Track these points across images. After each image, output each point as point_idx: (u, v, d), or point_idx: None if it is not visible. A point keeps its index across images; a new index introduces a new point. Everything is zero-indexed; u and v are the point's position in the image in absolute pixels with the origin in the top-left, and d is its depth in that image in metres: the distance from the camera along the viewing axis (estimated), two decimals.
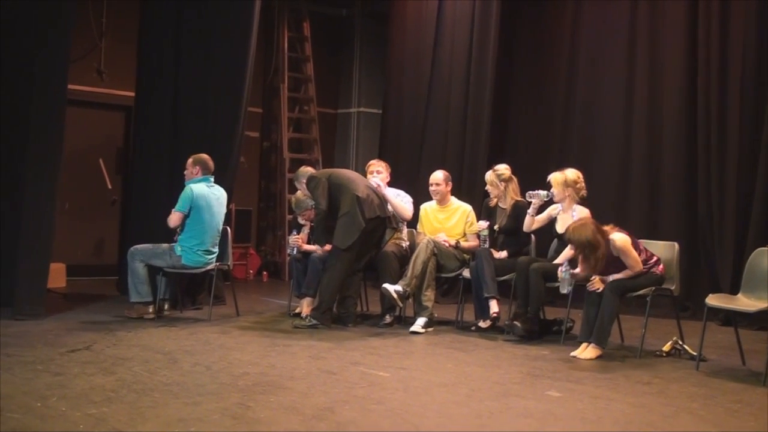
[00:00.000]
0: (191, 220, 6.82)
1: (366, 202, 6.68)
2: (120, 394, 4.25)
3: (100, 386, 4.39)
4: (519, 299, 6.41)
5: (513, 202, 6.82)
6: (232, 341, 5.94)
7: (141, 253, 6.80)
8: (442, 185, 7.13)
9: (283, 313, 7.47)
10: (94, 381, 4.51)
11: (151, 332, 6.20)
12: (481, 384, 4.81)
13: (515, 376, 5.05)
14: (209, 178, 6.99)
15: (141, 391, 4.32)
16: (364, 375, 4.94)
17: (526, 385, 4.81)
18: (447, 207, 7.18)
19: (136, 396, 4.22)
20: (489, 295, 6.50)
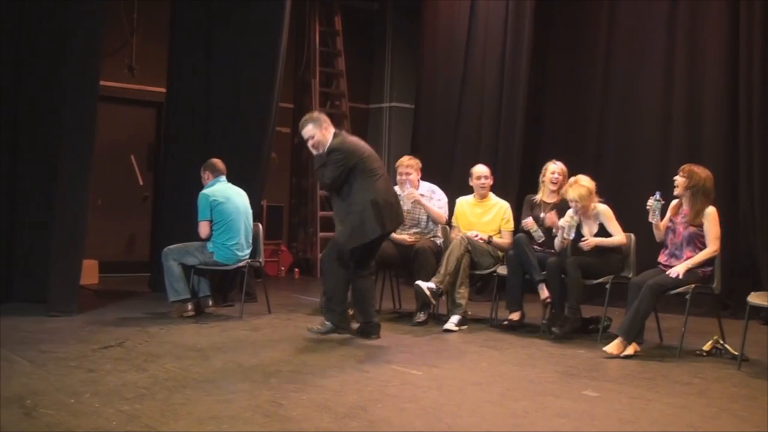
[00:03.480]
0: (217, 218, 6.88)
1: (384, 210, 5.92)
2: (152, 390, 4.30)
3: (132, 383, 4.44)
4: (552, 301, 6.38)
5: (560, 198, 6.79)
6: (264, 338, 5.97)
7: (174, 253, 6.86)
8: (489, 179, 7.16)
9: (315, 309, 7.49)
10: (126, 377, 4.56)
11: (183, 329, 6.25)
12: (515, 383, 4.80)
13: (551, 376, 5.02)
14: (221, 178, 7.05)
15: (173, 388, 4.36)
16: (397, 373, 4.94)
17: (561, 385, 4.79)
18: (485, 202, 7.17)
19: (168, 393, 4.26)
20: (539, 278, 6.45)
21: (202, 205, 6.85)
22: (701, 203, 5.80)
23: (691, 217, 5.83)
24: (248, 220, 7.06)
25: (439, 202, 7.16)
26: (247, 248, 7.02)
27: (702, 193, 5.79)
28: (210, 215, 6.85)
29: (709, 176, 5.85)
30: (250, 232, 7.08)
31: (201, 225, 6.86)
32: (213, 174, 7.02)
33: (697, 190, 5.79)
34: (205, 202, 6.85)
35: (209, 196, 6.87)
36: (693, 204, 5.82)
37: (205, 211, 6.84)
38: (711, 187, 5.84)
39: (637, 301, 5.69)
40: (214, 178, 7.02)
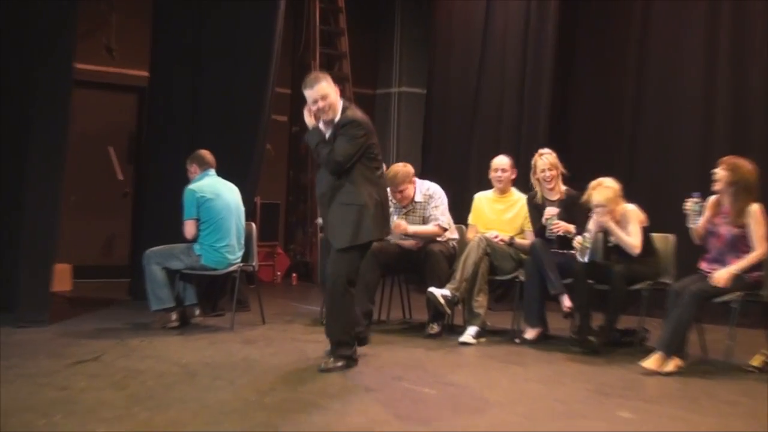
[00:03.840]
0: (205, 216, 6.85)
1: (384, 211, 5.50)
2: (132, 411, 4.27)
3: (109, 402, 4.41)
4: (580, 310, 6.33)
5: (564, 191, 6.75)
6: (258, 352, 5.94)
7: (156, 256, 6.84)
8: (508, 171, 7.10)
9: (314, 320, 7.46)
10: (103, 396, 4.53)
11: (167, 342, 6.23)
12: (541, 403, 4.76)
13: (581, 395, 4.99)
14: (210, 171, 7.02)
15: (155, 408, 4.33)
16: (407, 392, 4.92)
17: (593, 405, 4.75)
18: (507, 197, 7.14)
19: (149, 414, 4.23)
20: (556, 292, 6.43)
21: (189, 201, 6.83)
22: (743, 201, 5.76)
23: (733, 216, 5.79)
24: (240, 219, 7.04)
25: (436, 210, 6.98)
26: (239, 251, 7.00)
27: (745, 189, 5.76)
28: (197, 213, 6.82)
29: (753, 170, 5.81)
30: (242, 233, 7.06)
31: (187, 224, 6.83)
32: (201, 167, 7.00)
33: (739, 186, 5.76)
34: (192, 198, 6.82)
35: (196, 191, 6.85)
36: (735, 202, 5.78)
37: (191, 209, 6.82)
38: (755, 182, 5.80)
39: (677, 310, 5.64)
40: (201, 171, 6.99)
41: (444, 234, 6.97)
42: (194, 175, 7.00)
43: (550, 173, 6.74)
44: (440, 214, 6.97)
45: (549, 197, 6.81)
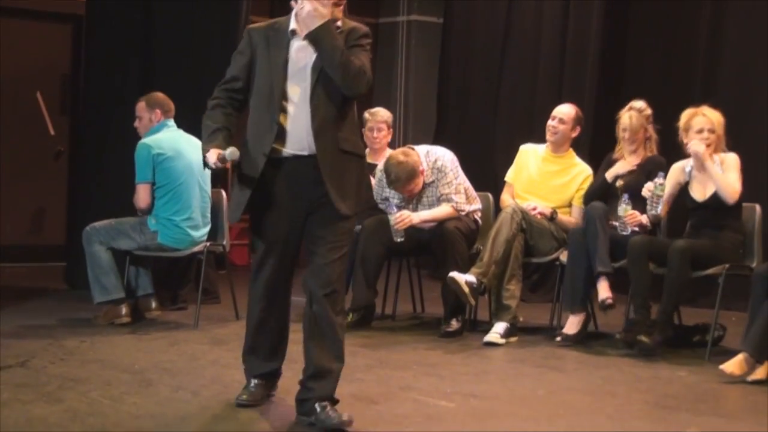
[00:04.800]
0: (162, 180, 6.87)
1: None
2: (70, 430, 4.30)
3: (40, 419, 4.44)
4: (635, 299, 6.38)
5: (647, 155, 6.80)
6: (230, 355, 5.95)
7: (101, 233, 6.87)
8: (567, 124, 7.14)
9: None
10: (32, 412, 4.56)
11: (115, 343, 6.27)
12: (587, 420, 4.80)
13: (638, 408, 5.03)
14: (169, 122, 7.05)
15: (100, 426, 4.37)
16: (419, 405, 4.95)
17: (653, 422, 4.79)
18: (563, 158, 7.20)
19: None
20: (603, 270, 6.48)
21: (142, 160, 6.84)
22: None
23: None
24: (205, 185, 7.08)
25: (449, 187, 6.99)
26: (205, 226, 7.05)
27: None
28: (153, 176, 6.86)
29: None
30: (209, 203, 7.10)
31: (140, 190, 6.86)
32: (163, 113, 7.00)
33: None
34: (147, 156, 6.84)
35: (152, 147, 6.86)
36: None
37: (145, 170, 6.84)
38: None
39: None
40: (161, 120, 7.01)
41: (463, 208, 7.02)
42: (149, 125, 7.00)
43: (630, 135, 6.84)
44: (454, 192, 7.00)
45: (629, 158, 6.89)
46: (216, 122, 4.68)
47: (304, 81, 4.52)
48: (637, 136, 6.82)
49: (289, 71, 4.54)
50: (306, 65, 4.53)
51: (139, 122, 7.05)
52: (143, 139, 6.93)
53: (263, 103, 4.57)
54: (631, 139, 6.82)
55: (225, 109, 4.71)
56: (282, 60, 4.55)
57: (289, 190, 4.58)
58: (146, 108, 7.02)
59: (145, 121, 7.02)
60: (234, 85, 4.70)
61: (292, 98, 4.53)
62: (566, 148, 7.19)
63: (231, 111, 4.72)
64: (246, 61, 4.66)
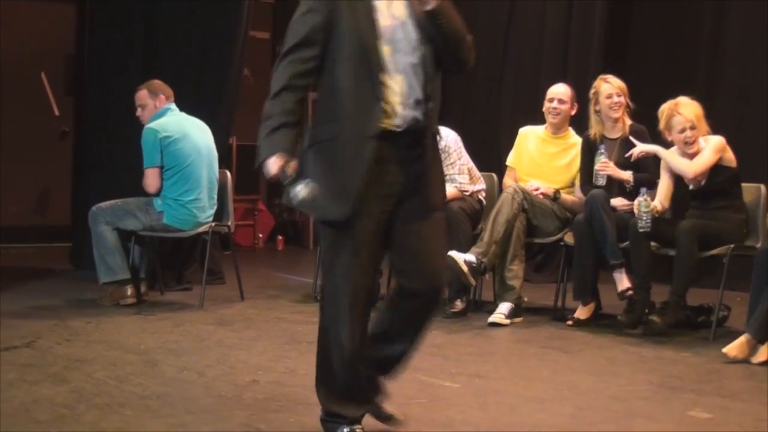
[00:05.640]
0: (170, 163, 6.89)
1: None
2: (76, 411, 4.31)
3: (47, 399, 4.46)
4: (635, 279, 6.38)
5: (629, 126, 6.78)
6: (235, 336, 6.00)
7: (106, 213, 6.89)
8: (567, 104, 7.12)
9: (306, 295, 7.54)
10: (38, 392, 4.58)
11: (120, 323, 6.28)
12: (591, 400, 4.80)
13: (642, 389, 5.04)
14: (171, 105, 7.06)
15: (105, 406, 4.38)
16: (423, 386, 4.96)
17: (658, 402, 4.79)
18: (562, 138, 7.18)
19: (98, 413, 4.28)
20: (616, 262, 6.47)
21: (150, 144, 6.85)
22: None
23: None
24: (212, 167, 7.09)
25: (452, 168, 6.98)
26: (211, 207, 7.06)
27: None
28: (161, 159, 6.86)
29: None
30: (215, 184, 7.11)
31: (148, 174, 6.88)
32: (166, 98, 7.01)
33: None
34: (154, 140, 6.85)
35: (159, 131, 6.88)
36: None
37: (153, 154, 6.85)
38: None
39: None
40: (164, 105, 7.01)
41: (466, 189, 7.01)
42: (157, 110, 7.00)
43: (618, 99, 6.76)
44: (457, 172, 7.01)
45: (609, 134, 6.83)
46: (284, 114, 3.77)
47: (402, 44, 3.78)
48: (622, 100, 6.77)
49: (381, 31, 3.75)
50: (403, 24, 3.79)
51: (142, 111, 7.04)
52: (148, 124, 6.92)
53: (359, 71, 3.73)
54: (617, 105, 6.76)
55: (296, 92, 3.78)
56: (370, 16, 3.75)
57: (379, 173, 3.73)
58: (149, 95, 7.03)
59: (149, 108, 7.01)
60: (305, 53, 3.77)
61: (389, 64, 3.75)
62: (566, 128, 7.18)
63: (303, 94, 3.81)
64: (321, 21, 3.74)
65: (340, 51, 3.73)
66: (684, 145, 6.30)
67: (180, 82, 7.20)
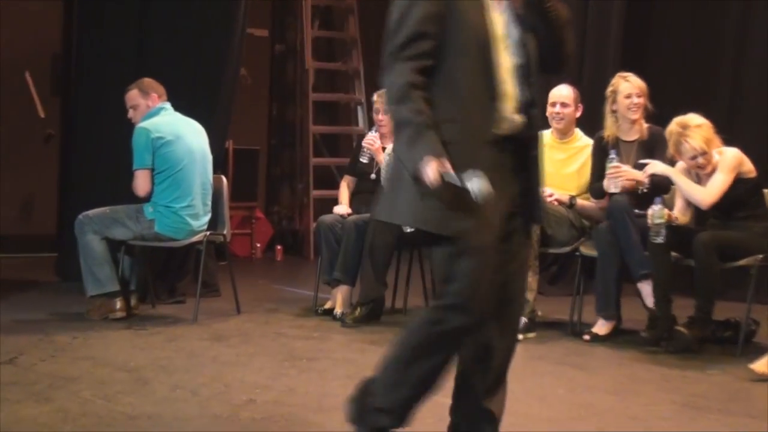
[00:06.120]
0: (161, 166, 6.87)
1: None
2: (60, 431, 4.30)
3: (29, 419, 4.44)
4: (656, 292, 6.36)
5: (647, 129, 6.76)
6: (231, 352, 6.00)
7: (94, 222, 6.87)
8: (570, 107, 7.09)
9: (306, 308, 7.53)
10: (20, 412, 4.56)
11: (109, 338, 6.28)
12: (611, 421, 4.79)
13: (665, 409, 5.02)
14: (166, 105, 7.04)
15: (93, 427, 4.37)
16: (430, 405, 4.91)
17: (682, 423, 4.78)
18: (568, 143, 7.17)
19: None
20: (645, 272, 6.45)
21: (141, 145, 6.83)
22: None
23: None
24: (206, 172, 7.08)
25: None
26: (205, 215, 7.05)
27: None
28: (152, 162, 6.85)
29: None
30: (210, 190, 7.09)
31: (139, 176, 6.85)
32: (159, 97, 6.99)
33: None
34: (146, 140, 6.83)
35: (151, 131, 6.85)
36: None
37: (144, 156, 6.83)
38: None
39: None
40: (157, 103, 6.99)
41: None
42: (149, 110, 6.98)
43: (638, 100, 6.73)
44: None
45: (625, 137, 6.80)
46: (419, 114, 3.45)
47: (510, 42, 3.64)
48: (642, 101, 6.75)
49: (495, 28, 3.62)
50: (509, 23, 3.66)
51: (133, 112, 7.02)
52: (140, 123, 6.91)
53: (476, 69, 3.55)
54: (636, 106, 6.74)
55: (422, 90, 3.49)
56: (485, 13, 3.60)
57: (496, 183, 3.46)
58: (140, 95, 7.01)
59: (141, 108, 6.99)
60: (422, 47, 3.49)
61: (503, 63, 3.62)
62: (572, 131, 7.16)
63: (427, 93, 3.50)
64: (434, 11, 3.51)
65: (454, 46, 3.52)
66: (697, 169, 6.31)
67: (173, 81, 7.18)
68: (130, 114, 7.03)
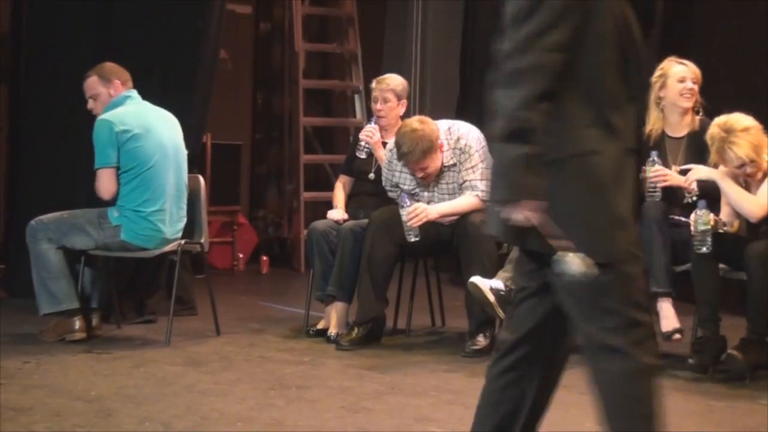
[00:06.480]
0: (128, 164, 6.85)
1: None
2: None
3: None
4: (701, 311, 6.36)
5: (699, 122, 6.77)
6: (209, 380, 6.01)
7: (49, 228, 6.86)
8: None
9: (295, 329, 7.55)
10: None
11: (67, 363, 6.28)
12: None
13: None
14: (132, 93, 7.03)
15: None
16: None
17: None
18: None
19: None
20: (661, 291, 6.46)
21: (103, 140, 6.81)
22: None
23: None
24: (181, 170, 7.09)
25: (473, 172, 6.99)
26: (179, 221, 7.06)
27: None
28: (117, 159, 6.87)
29: None
30: (185, 192, 7.11)
31: (101, 176, 6.84)
32: (122, 84, 6.97)
33: None
34: (108, 134, 6.81)
35: (114, 123, 6.83)
36: None
37: (107, 152, 6.81)
38: None
39: None
40: (121, 91, 6.98)
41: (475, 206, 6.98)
42: (109, 101, 6.96)
43: (693, 86, 6.74)
44: (479, 178, 6.97)
45: (672, 132, 6.81)
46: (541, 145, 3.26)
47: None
48: (696, 88, 6.75)
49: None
50: None
51: (94, 102, 6.99)
52: (102, 114, 6.90)
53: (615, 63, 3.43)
54: (690, 92, 6.74)
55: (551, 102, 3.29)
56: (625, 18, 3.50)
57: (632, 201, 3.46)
58: (100, 81, 6.97)
59: (103, 97, 6.96)
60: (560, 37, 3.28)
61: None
62: None
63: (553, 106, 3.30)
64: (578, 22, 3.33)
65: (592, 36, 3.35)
66: (745, 177, 6.35)
67: (141, 66, 7.19)
68: (90, 105, 7.01)
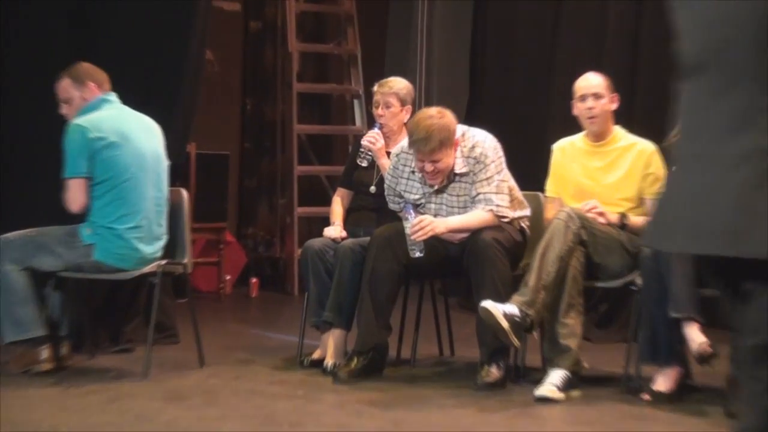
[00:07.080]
0: (102, 175, 6.83)
1: None
2: None
3: None
4: None
5: None
6: (191, 416, 5.98)
7: (14, 247, 6.85)
8: (604, 98, 7.02)
9: (288, 359, 7.49)
10: None
11: (32, 398, 6.25)
12: None
13: None
14: (110, 96, 7.02)
15: None
16: None
17: None
18: (607, 144, 7.12)
19: None
20: (682, 315, 6.35)
21: (75, 146, 6.79)
22: None
23: None
24: (161, 183, 7.08)
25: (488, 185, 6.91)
26: (159, 239, 7.05)
27: None
28: (89, 169, 6.80)
29: None
30: (165, 207, 7.09)
31: (71, 187, 6.81)
32: (98, 86, 6.96)
33: None
34: (80, 141, 6.79)
35: (87, 129, 6.80)
36: None
37: (78, 160, 6.79)
38: None
39: None
40: (97, 95, 6.96)
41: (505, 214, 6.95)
42: (88, 102, 6.94)
43: None
44: (495, 191, 6.92)
45: None
46: None
47: None
48: None
49: None
50: None
51: (68, 107, 7.00)
52: (75, 119, 6.87)
53: None
54: None
55: None
56: None
57: None
58: (74, 84, 6.97)
59: (76, 102, 6.97)
60: None
61: None
62: (610, 130, 7.12)
63: None
64: None
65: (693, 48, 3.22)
66: None
67: (121, 68, 7.21)
68: (63, 110, 7.01)
